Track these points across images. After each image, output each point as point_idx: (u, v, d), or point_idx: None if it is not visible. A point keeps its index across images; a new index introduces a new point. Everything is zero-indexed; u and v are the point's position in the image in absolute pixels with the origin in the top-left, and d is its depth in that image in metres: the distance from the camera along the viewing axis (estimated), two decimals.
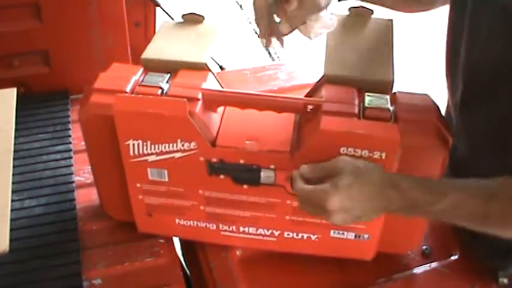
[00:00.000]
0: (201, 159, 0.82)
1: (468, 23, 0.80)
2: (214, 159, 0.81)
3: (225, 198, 0.86)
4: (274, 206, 0.86)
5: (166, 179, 0.85)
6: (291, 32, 0.76)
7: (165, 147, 0.81)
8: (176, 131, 0.80)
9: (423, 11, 0.97)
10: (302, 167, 0.74)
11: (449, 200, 0.70)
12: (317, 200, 0.71)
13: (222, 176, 0.83)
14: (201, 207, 0.88)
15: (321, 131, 0.76)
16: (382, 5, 0.91)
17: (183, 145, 0.80)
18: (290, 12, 0.73)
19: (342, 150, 0.76)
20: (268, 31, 0.78)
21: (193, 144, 0.80)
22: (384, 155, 0.75)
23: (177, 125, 0.79)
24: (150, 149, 0.82)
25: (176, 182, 0.86)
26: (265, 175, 0.82)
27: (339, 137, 0.75)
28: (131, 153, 0.82)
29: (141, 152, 0.82)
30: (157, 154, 0.82)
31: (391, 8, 0.95)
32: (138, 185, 0.87)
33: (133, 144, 0.82)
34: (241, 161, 0.81)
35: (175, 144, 0.81)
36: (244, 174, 0.82)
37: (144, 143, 0.81)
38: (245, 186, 0.84)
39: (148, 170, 0.84)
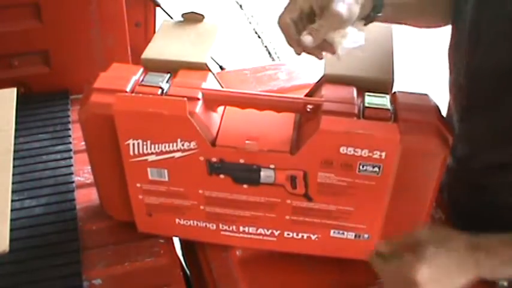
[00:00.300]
0: (201, 158, 0.82)
1: (468, 29, 0.80)
2: (214, 159, 0.81)
3: (225, 198, 0.86)
4: (274, 205, 0.86)
5: (166, 179, 0.85)
6: (315, 44, 0.75)
7: (165, 146, 0.81)
8: (176, 130, 0.80)
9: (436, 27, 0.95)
10: (377, 244, 0.72)
11: None
12: (404, 275, 0.68)
13: (222, 176, 0.83)
14: (201, 207, 0.88)
15: (320, 131, 0.76)
16: (405, 23, 0.90)
17: (183, 145, 0.80)
18: (313, 26, 0.73)
19: (342, 149, 0.76)
20: (301, 49, 0.77)
21: (193, 144, 0.80)
22: (383, 154, 0.76)
23: (177, 125, 0.79)
24: (150, 148, 0.82)
25: (176, 182, 0.86)
26: (265, 175, 0.82)
27: (338, 136, 0.75)
28: (131, 152, 0.82)
29: (141, 151, 0.82)
30: (157, 154, 0.82)
31: (412, 25, 0.93)
32: (138, 184, 0.87)
33: (133, 144, 0.82)
34: (241, 161, 0.81)
35: (175, 144, 0.81)
36: (244, 173, 0.82)
37: (144, 143, 0.81)
38: (245, 186, 0.84)
39: (148, 169, 0.84)
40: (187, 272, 1.00)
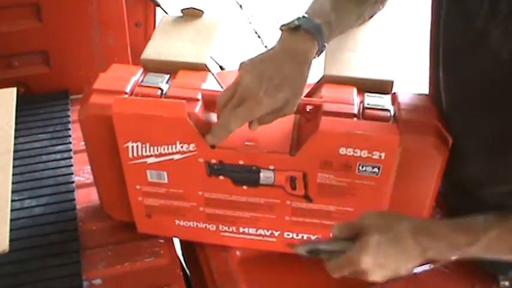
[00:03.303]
0: (201, 160, 0.82)
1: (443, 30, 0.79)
2: (213, 161, 0.81)
3: (225, 199, 0.86)
4: (274, 206, 0.86)
5: (166, 181, 0.85)
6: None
7: (164, 149, 0.81)
8: (175, 132, 0.79)
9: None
10: (334, 227, 0.74)
11: (487, 238, 0.69)
12: (350, 266, 0.70)
13: (221, 177, 0.83)
14: (201, 208, 0.88)
15: (320, 132, 0.76)
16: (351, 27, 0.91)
17: (182, 147, 0.80)
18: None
19: (341, 150, 0.76)
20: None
21: (192, 146, 0.80)
22: (383, 155, 0.76)
23: (176, 127, 0.79)
24: (149, 151, 0.82)
25: (175, 184, 0.86)
26: (264, 176, 0.82)
27: (338, 137, 0.75)
28: (130, 155, 0.82)
29: (140, 154, 0.82)
30: (156, 156, 0.82)
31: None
32: (138, 186, 0.87)
33: (132, 146, 0.82)
34: (241, 162, 0.81)
35: (174, 146, 0.80)
36: (244, 175, 0.82)
37: (143, 145, 0.81)
38: (244, 187, 0.84)
39: (148, 172, 0.84)
40: (187, 272, 1.00)
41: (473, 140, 0.79)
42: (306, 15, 0.78)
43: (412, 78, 1.91)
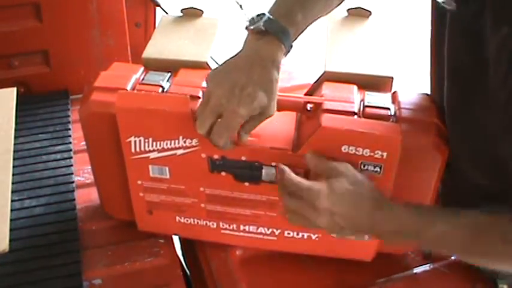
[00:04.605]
0: (203, 156, 0.81)
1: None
2: (216, 156, 0.81)
3: (226, 195, 0.86)
4: (275, 204, 0.86)
5: (168, 176, 0.85)
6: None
7: (166, 144, 0.81)
8: (178, 127, 0.79)
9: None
10: (307, 155, 0.75)
11: (436, 230, 0.70)
12: (309, 196, 0.71)
13: (223, 173, 0.83)
14: (202, 205, 0.88)
15: (322, 129, 0.76)
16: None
17: (184, 142, 0.80)
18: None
19: (344, 148, 0.76)
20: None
21: (195, 141, 0.80)
22: (385, 154, 0.75)
23: (179, 122, 0.79)
24: (152, 145, 0.82)
25: (177, 179, 0.86)
26: (266, 172, 0.82)
27: (340, 135, 0.75)
28: (133, 150, 0.82)
29: (142, 148, 0.82)
30: (158, 151, 0.82)
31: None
32: (139, 182, 0.87)
33: (135, 141, 0.81)
34: (243, 158, 0.81)
35: (177, 141, 0.80)
36: (246, 171, 0.82)
37: (146, 140, 0.81)
38: (246, 184, 0.84)
39: (150, 167, 0.84)
40: (187, 272, 1.00)
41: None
42: (271, 17, 0.75)
43: (413, 75, 1.91)
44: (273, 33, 0.75)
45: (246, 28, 0.77)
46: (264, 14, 0.76)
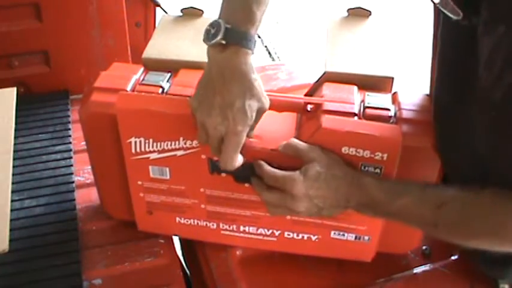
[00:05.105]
0: (203, 157, 0.81)
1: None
2: (216, 157, 0.81)
3: (226, 196, 0.86)
4: None
5: (168, 177, 0.85)
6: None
7: (167, 145, 0.81)
8: (179, 128, 0.79)
9: None
10: (280, 146, 0.77)
11: (400, 203, 0.72)
12: (284, 185, 0.74)
13: (223, 174, 0.83)
14: (202, 206, 0.88)
15: (322, 130, 0.76)
16: None
17: (185, 143, 0.80)
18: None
19: (344, 150, 0.76)
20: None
21: (195, 142, 0.80)
22: (385, 156, 0.75)
23: (180, 123, 0.79)
24: (152, 146, 0.82)
25: (177, 180, 0.86)
26: None
27: (340, 136, 0.75)
28: (133, 150, 0.82)
29: (143, 149, 0.82)
30: (159, 152, 0.82)
31: None
32: (139, 182, 0.87)
33: (135, 142, 0.82)
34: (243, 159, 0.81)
35: (177, 142, 0.80)
36: (246, 172, 0.82)
37: (146, 141, 0.81)
38: (246, 185, 0.84)
39: (150, 167, 0.84)
40: (187, 272, 1.00)
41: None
42: (228, 26, 0.70)
43: (413, 75, 1.92)
44: (235, 44, 0.71)
45: (204, 42, 0.72)
46: (218, 23, 0.71)
